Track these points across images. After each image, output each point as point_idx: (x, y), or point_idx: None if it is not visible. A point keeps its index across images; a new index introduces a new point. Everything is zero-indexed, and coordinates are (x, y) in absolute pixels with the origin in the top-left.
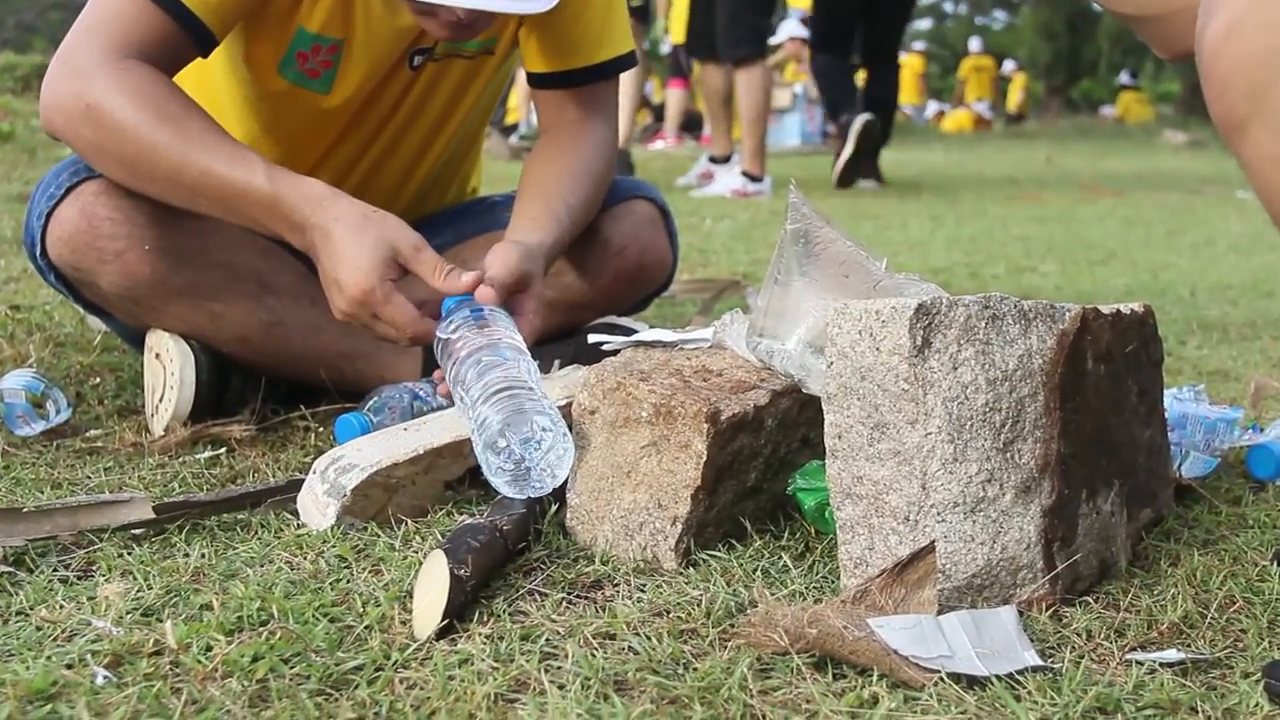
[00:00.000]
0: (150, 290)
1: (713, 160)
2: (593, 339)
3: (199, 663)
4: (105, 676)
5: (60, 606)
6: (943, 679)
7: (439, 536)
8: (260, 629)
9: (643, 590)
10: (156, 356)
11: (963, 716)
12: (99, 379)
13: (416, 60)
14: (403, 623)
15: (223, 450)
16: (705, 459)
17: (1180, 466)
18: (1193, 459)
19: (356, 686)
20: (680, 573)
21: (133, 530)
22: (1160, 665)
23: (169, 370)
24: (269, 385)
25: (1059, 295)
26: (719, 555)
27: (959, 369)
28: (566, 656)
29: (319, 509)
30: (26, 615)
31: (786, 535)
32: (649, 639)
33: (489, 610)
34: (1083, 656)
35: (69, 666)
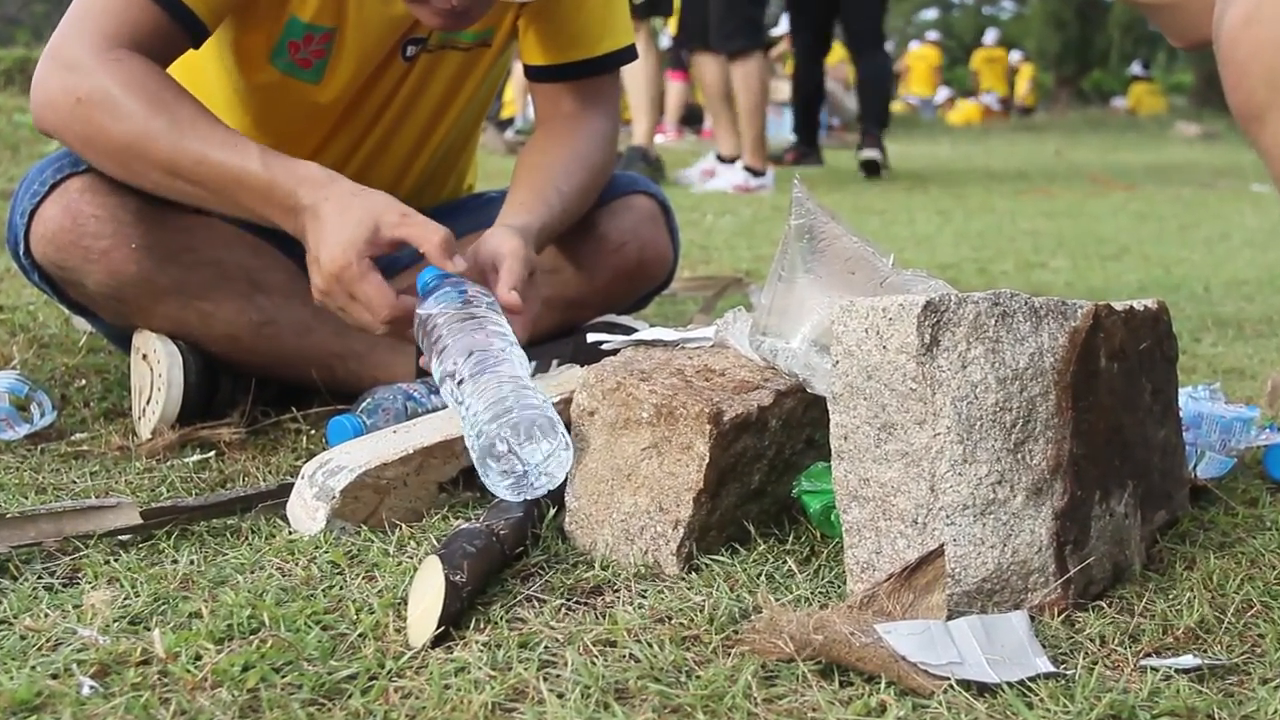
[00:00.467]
0: (137, 289)
1: (720, 159)
2: (591, 338)
3: (188, 672)
4: (91, 687)
5: (45, 615)
6: (952, 686)
7: (434, 541)
8: (251, 637)
9: (644, 596)
10: (144, 358)
11: None
12: (84, 381)
13: (410, 50)
14: (397, 630)
15: (212, 453)
16: (708, 461)
17: (1195, 467)
18: (1208, 459)
19: (350, 696)
20: (682, 578)
21: (120, 536)
22: (1176, 671)
23: (156, 372)
24: (259, 386)
25: (1070, 291)
26: (722, 560)
27: (968, 368)
28: (566, 664)
29: (308, 514)
30: (10, 624)
31: (791, 539)
32: (650, 646)
33: (486, 617)
34: (1096, 662)
35: (54, 676)
